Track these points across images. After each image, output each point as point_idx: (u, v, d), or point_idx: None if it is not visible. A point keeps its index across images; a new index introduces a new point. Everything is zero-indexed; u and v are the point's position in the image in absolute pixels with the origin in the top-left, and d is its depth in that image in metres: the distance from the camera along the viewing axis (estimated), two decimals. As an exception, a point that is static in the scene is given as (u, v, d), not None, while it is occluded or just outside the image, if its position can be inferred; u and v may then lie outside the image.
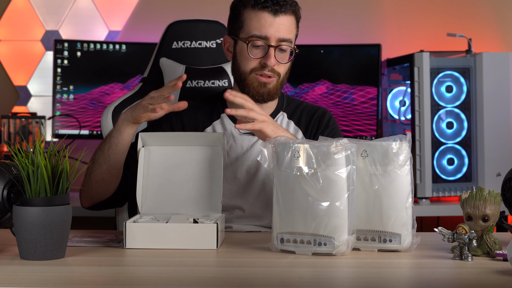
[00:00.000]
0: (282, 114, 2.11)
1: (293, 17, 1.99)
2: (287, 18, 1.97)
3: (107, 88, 3.24)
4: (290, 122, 2.10)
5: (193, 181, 1.83)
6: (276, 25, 1.95)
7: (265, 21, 1.96)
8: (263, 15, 1.96)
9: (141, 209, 1.81)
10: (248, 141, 2.05)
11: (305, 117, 2.12)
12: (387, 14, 3.42)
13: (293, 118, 2.11)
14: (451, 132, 2.97)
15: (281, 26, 1.96)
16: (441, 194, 2.94)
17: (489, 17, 3.40)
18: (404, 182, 1.60)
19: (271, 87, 2.00)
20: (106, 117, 2.27)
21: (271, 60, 1.96)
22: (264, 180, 2.02)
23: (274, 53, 1.96)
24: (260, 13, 1.96)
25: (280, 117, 2.10)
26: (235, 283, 1.35)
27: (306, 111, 2.13)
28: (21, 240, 1.50)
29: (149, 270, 1.45)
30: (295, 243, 1.58)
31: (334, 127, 2.12)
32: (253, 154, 2.03)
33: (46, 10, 3.43)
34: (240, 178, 2.02)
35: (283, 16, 1.96)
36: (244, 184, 2.02)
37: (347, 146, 1.55)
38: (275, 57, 1.96)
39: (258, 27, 1.96)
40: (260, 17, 1.96)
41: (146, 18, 3.42)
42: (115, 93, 3.23)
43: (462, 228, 1.51)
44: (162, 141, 1.85)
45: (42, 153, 1.51)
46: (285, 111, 2.12)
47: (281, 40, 1.96)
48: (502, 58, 2.97)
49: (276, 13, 1.95)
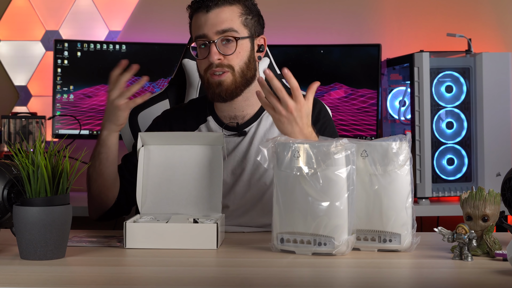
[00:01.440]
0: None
1: (233, 7, 1.98)
2: (222, 10, 1.96)
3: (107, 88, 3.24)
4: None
5: (193, 180, 1.83)
6: (210, 20, 1.96)
7: (200, 20, 1.97)
8: (198, 16, 1.98)
9: (141, 209, 1.82)
10: (233, 143, 2.04)
11: None
12: (387, 14, 3.42)
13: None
14: (451, 132, 2.97)
15: (216, 19, 1.96)
16: (441, 194, 2.94)
17: (489, 17, 3.40)
18: (404, 182, 1.60)
19: (227, 83, 1.97)
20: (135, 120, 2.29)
21: (211, 55, 1.95)
22: (249, 181, 2.02)
23: (216, 47, 1.95)
24: (196, 15, 1.99)
25: (266, 115, 2.07)
26: (235, 283, 1.35)
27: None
28: (21, 240, 1.50)
29: (149, 270, 1.45)
30: (295, 243, 1.58)
31: (325, 120, 2.09)
32: (237, 155, 2.03)
33: (46, 10, 3.43)
34: (225, 180, 2.01)
35: (216, 10, 1.96)
36: (230, 185, 2.02)
37: (347, 146, 1.55)
38: (219, 51, 1.95)
39: (196, 28, 1.98)
40: (196, 19, 1.99)
41: (146, 18, 3.42)
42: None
43: (462, 228, 1.51)
44: (161, 141, 1.85)
45: (42, 153, 1.51)
46: None
47: (220, 33, 1.95)
48: (502, 58, 2.97)
49: (208, 9, 1.96)
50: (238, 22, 1.98)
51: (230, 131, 2.05)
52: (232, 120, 2.05)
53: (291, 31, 3.38)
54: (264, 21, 2.07)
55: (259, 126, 2.06)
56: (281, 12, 3.39)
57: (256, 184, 2.01)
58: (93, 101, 3.23)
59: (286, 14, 3.39)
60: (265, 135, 2.04)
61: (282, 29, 3.38)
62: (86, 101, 3.23)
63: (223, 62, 1.96)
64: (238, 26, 1.97)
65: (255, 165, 2.01)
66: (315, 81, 1.78)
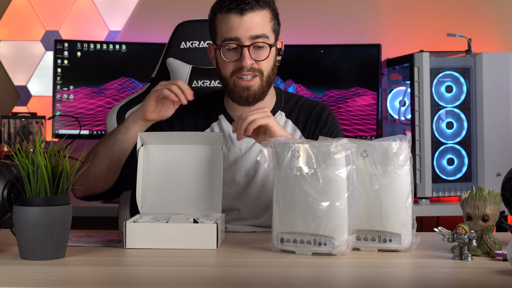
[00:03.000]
0: (280, 113, 2.10)
1: (264, 12, 1.97)
2: (256, 14, 1.95)
3: (107, 88, 3.24)
4: (288, 121, 2.09)
5: (193, 180, 1.83)
6: (244, 24, 1.94)
7: (233, 23, 1.94)
8: (230, 17, 1.95)
9: (141, 209, 1.82)
10: (246, 143, 2.04)
11: (303, 114, 2.10)
12: (387, 14, 3.42)
13: (291, 117, 2.09)
14: (451, 132, 2.97)
15: (250, 23, 1.94)
16: (441, 194, 2.94)
17: (489, 17, 3.40)
18: (404, 182, 1.60)
19: (255, 88, 1.98)
20: (111, 117, 2.27)
21: (245, 60, 1.94)
22: (262, 182, 2.01)
23: (249, 52, 1.94)
24: (227, 15, 1.95)
25: (278, 117, 2.08)
26: (235, 283, 1.35)
27: (304, 108, 2.11)
28: (21, 240, 1.50)
29: (149, 270, 1.45)
30: (295, 243, 1.58)
31: (333, 124, 2.11)
32: (252, 156, 2.02)
33: (46, 10, 3.43)
34: (239, 181, 2.01)
35: (251, 13, 1.94)
36: (243, 187, 2.02)
37: (347, 146, 1.55)
38: (251, 56, 1.95)
39: (227, 30, 1.95)
40: (228, 20, 1.95)
41: (146, 18, 3.43)
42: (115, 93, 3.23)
43: (462, 228, 1.51)
44: (161, 140, 1.85)
45: (42, 153, 1.51)
46: (283, 110, 2.10)
47: (253, 38, 1.94)
48: (502, 58, 2.97)
49: (242, 12, 1.94)
50: (269, 27, 1.98)
51: None
52: None
53: (291, 31, 3.38)
54: (280, 23, 2.07)
55: None
56: (281, 12, 3.37)
57: (271, 186, 2.00)
58: (93, 101, 3.23)
59: (286, 14, 3.37)
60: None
61: (282, 29, 3.37)
62: (86, 101, 3.23)
63: (254, 67, 1.96)
64: (269, 31, 1.98)
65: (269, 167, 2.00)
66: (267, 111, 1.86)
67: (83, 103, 3.23)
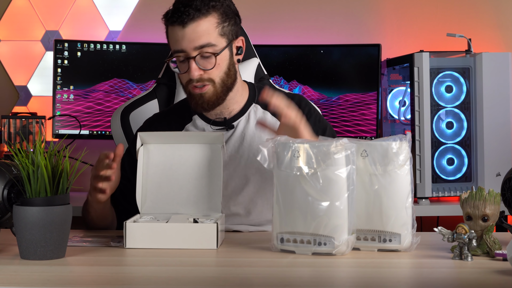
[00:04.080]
0: (255, 106, 2.07)
1: (209, 18, 1.93)
2: (198, 24, 1.91)
3: (107, 87, 3.24)
4: (266, 113, 2.06)
5: (193, 180, 1.83)
6: (187, 36, 1.91)
7: (177, 35, 1.92)
8: (174, 30, 1.93)
9: (141, 209, 1.82)
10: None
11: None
12: (387, 14, 3.42)
13: (268, 109, 2.05)
14: (451, 132, 2.97)
15: (193, 34, 1.91)
16: (441, 194, 2.94)
17: (489, 17, 3.40)
18: (404, 182, 1.60)
19: (209, 95, 1.96)
20: (116, 119, 2.27)
21: (192, 73, 1.92)
22: (246, 175, 2.00)
23: (196, 63, 1.92)
24: (172, 28, 1.94)
25: (253, 109, 2.06)
26: (235, 283, 1.35)
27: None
28: (21, 240, 1.50)
29: (149, 270, 1.45)
30: (295, 243, 1.58)
31: (317, 114, 2.09)
32: (228, 149, 2.02)
33: (46, 10, 3.43)
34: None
35: (193, 24, 1.91)
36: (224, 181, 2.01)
37: (347, 146, 1.55)
38: (199, 66, 1.92)
39: (174, 43, 1.94)
40: (173, 32, 1.94)
41: (146, 18, 3.42)
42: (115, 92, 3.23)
43: (461, 228, 1.51)
44: (161, 140, 1.85)
45: (42, 153, 1.51)
46: (257, 102, 2.08)
47: (198, 48, 1.91)
48: (502, 58, 2.97)
49: (184, 24, 1.91)
50: (215, 34, 1.93)
51: (217, 126, 2.04)
52: (219, 116, 2.05)
53: (291, 31, 3.38)
54: (240, 19, 2.02)
55: (248, 121, 2.05)
56: (281, 12, 3.39)
57: (253, 179, 2.00)
58: (93, 101, 3.23)
59: (286, 14, 3.39)
60: (257, 130, 2.03)
61: (282, 29, 3.38)
62: (86, 101, 3.23)
63: (203, 77, 1.94)
64: (216, 38, 1.93)
65: (249, 160, 2.00)
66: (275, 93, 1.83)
67: (83, 103, 3.23)
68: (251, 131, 2.03)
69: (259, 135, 2.02)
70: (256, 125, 1.94)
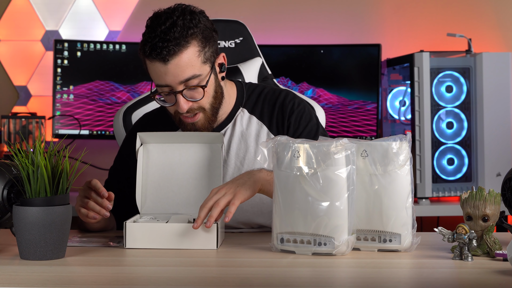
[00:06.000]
0: (242, 110, 2.02)
1: (190, 48, 1.83)
2: (181, 58, 1.82)
3: (107, 87, 3.24)
4: (252, 118, 2.01)
5: (193, 180, 1.83)
6: (171, 71, 1.82)
7: (160, 71, 1.83)
8: (156, 66, 1.83)
9: (141, 209, 1.82)
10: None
11: (267, 107, 2.02)
12: (387, 14, 3.42)
13: (255, 112, 2.02)
14: (451, 132, 2.97)
15: (177, 69, 1.82)
16: (441, 194, 2.94)
17: (489, 17, 3.40)
18: (404, 182, 1.60)
19: (201, 122, 1.91)
20: (118, 120, 2.27)
21: (181, 106, 1.85)
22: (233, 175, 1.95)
23: (183, 96, 1.85)
24: (153, 63, 1.84)
25: (240, 114, 2.02)
26: (235, 283, 1.35)
27: (267, 100, 2.03)
28: (21, 240, 1.50)
29: (149, 270, 1.45)
30: (295, 243, 1.58)
31: (300, 109, 2.01)
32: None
33: (46, 10, 3.43)
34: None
35: (175, 59, 1.82)
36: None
37: (347, 146, 1.55)
38: (187, 99, 1.86)
39: (157, 77, 1.85)
40: (154, 68, 1.84)
41: (146, 18, 3.41)
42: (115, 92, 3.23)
43: (462, 228, 1.51)
44: (160, 140, 1.85)
45: (42, 153, 1.51)
46: (245, 106, 2.02)
47: (184, 81, 1.84)
48: (502, 58, 2.97)
49: (165, 61, 1.81)
50: (199, 63, 1.85)
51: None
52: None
53: (291, 31, 3.38)
54: (217, 31, 1.92)
55: (234, 127, 2.00)
56: (281, 12, 3.39)
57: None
58: (93, 101, 3.23)
59: (286, 14, 3.39)
60: (243, 136, 2.00)
61: (282, 29, 3.38)
62: (86, 101, 3.23)
63: (193, 107, 1.88)
64: (199, 67, 1.85)
65: (236, 168, 1.98)
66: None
67: (83, 103, 3.23)
68: (237, 138, 1.99)
69: (245, 144, 1.98)
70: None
